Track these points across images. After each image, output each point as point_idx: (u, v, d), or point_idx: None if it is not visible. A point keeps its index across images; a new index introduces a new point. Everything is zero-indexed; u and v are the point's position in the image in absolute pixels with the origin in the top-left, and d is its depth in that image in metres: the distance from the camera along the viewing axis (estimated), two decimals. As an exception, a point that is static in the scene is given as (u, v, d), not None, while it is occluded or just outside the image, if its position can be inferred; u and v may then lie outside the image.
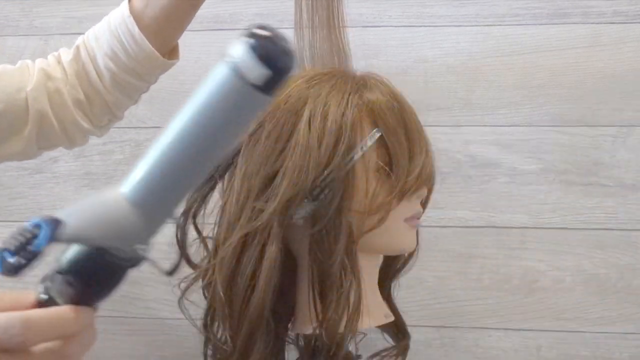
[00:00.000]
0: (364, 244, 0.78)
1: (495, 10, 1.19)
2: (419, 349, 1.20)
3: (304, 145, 0.74)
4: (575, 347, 1.18)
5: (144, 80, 0.93)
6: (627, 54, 1.17)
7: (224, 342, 0.80)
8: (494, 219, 1.19)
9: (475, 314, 1.19)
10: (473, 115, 1.19)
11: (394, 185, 0.77)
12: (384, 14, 1.21)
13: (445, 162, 1.19)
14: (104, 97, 0.92)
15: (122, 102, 0.95)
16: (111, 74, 0.90)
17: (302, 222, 0.77)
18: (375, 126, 0.77)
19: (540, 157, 1.18)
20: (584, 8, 1.17)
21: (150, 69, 0.91)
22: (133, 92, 0.94)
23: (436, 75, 1.20)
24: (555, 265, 1.18)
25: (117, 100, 0.93)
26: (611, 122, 1.17)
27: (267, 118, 0.77)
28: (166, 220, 0.54)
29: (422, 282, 1.20)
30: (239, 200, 0.77)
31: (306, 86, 0.78)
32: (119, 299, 1.26)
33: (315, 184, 0.74)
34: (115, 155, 1.26)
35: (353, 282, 0.76)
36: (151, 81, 0.94)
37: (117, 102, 0.94)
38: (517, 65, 1.19)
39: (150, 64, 0.90)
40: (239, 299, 0.76)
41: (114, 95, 0.92)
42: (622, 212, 1.17)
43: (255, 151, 0.77)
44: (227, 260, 0.77)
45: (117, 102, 0.94)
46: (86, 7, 1.25)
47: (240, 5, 1.26)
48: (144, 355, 1.26)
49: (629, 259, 1.17)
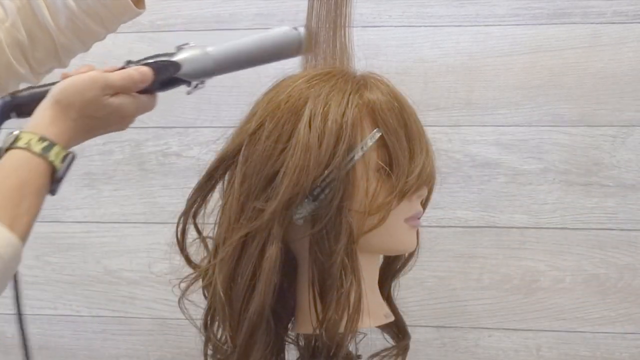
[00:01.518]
0: (364, 244, 0.78)
1: (495, 10, 1.19)
2: (419, 349, 1.20)
3: (304, 145, 0.74)
4: (575, 347, 1.18)
5: (104, 27, 0.87)
6: (627, 54, 1.17)
7: (224, 342, 0.80)
8: (493, 219, 1.19)
9: (475, 314, 1.20)
10: (473, 115, 1.19)
11: (394, 185, 0.77)
12: (384, 14, 1.22)
13: (445, 162, 1.19)
14: (55, 39, 0.85)
15: (75, 47, 0.88)
16: (69, 14, 0.84)
17: (302, 222, 0.76)
18: (376, 126, 0.77)
19: (540, 157, 1.18)
20: (584, 8, 1.18)
21: (116, 14, 0.86)
22: (89, 38, 0.88)
23: (436, 75, 1.20)
24: (555, 265, 1.18)
25: (70, 44, 0.87)
26: (611, 122, 1.17)
27: (267, 118, 0.77)
28: (218, 74, 0.83)
29: (422, 282, 1.20)
30: (239, 200, 0.77)
31: (307, 86, 0.77)
32: (119, 298, 1.26)
33: (315, 184, 0.74)
34: (115, 155, 1.26)
35: (353, 282, 0.76)
36: (111, 29, 0.89)
37: (69, 46, 0.87)
38: (517, 65, 1.19)
39: (117, 8, 0.85)
40: (239, 299, 0.76)
41: (67, 38, 0.86)
42: (622, 212, 1.17)
43: (256, 151, 0.76)
44: (227, 260, 0.76)
45: (69, 47, 0.88)
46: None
47: (240, 5, 1.26)
48: (144, 355, 1.26)
49: (629, 259, 1.17)
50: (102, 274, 1.26)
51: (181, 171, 1.26)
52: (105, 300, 1.26)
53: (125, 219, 1.26)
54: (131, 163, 1.26)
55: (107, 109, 0.76)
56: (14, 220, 0.66)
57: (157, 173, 1.26)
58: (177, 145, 1.26)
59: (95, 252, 1.27)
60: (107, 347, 1.26)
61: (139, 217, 1.26)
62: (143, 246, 1.26)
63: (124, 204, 1.26)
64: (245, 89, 0.86)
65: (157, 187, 1.26)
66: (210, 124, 1.24)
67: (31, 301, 1.28)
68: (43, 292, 1.28)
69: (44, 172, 0.70)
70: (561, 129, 1.18)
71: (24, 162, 0.69)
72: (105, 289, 1.26)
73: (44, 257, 1.27)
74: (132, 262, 1.26)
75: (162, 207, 1.26)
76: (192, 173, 1.19)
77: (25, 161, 0.69)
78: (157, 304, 1.25)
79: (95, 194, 1.27)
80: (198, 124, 1.25)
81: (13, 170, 0.69)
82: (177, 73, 0.81)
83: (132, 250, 1.27)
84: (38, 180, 0.69)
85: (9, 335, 1.29)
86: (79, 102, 0.73)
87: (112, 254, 1.27)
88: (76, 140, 0.76)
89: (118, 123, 0.80)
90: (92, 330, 1.27)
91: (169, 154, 1.26)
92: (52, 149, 0.70)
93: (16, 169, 0.69)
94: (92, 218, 1.26)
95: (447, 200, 1.20)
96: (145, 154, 1.26)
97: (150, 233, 1.26)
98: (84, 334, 1.29)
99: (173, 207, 1.17)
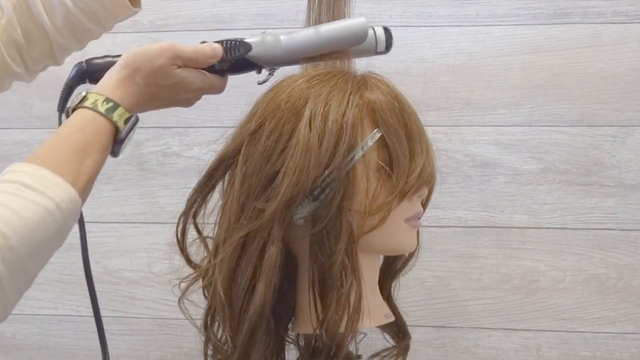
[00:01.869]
0: (365, 244, 0.78)
1: (495, 10, 1.19)
2: (419, 349, 1.20)
3: (304, 145, 0.74)
4: (575, 347, 1.18)
5: (100, 25, 0.87)
6: (627, 54, 1.17)
7: (224, 342, 0.80)
8: (493, 219, 1.19)
9: (475, 314, 1.20)
10: (473, 115, 1.19)
11: (394, 186, 0.77)
12: (384, 14, 1.22)
13: (445, 162, 1.19)
14: (51, 37, 0.86)
15: (70, 46, 0.89)
16: (65, 12, 0.84)
17: (302, 222, 0.76)
18: (376, 126, 0.77)
19: (540, 157, 1.18)
20: (584, 8, 1.18)
21: (113, 13, 0.86)
22: (85, 36, 0.88)
23: (436, 75, 1.20)
24: (555, 265, 1.18)
25: (66, 43, 0.87)
26: (611, 122, 1.17)
27: (267, 118, 0.77)
28: (289, 64, 0.85)
29: (422, 282, 1.20)
30: (240, 200, 0.77)
31: (307, 86, 0.77)
32: (119, 298, 1.26)
33: (315, 184, 0.74)
34: (115, 155, 1.26)
35: (353, 283, 0.76)
36: (107, 27, 0.89)
37: (65, 45, 0.87)
38: (517, 65, 1.19)
39: (113, 7, 0.85)
40: (239, 299, 0.76)
41: (63, 36, 0.86)
42: (622, 212, 1.17)
43: (256, 151, 0.76)
44: (227, 261, 0.76)
45: (64, 46, 0.88)
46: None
47: (240, 5, 1.26)
48: (144, 355, 1.26)
49: (629, 259, 1.17)
50: (102, 274, 1.26)
51: (181, 171, 1.26)
52: (105, 300, 1.26)
53: (125, 219, 1.26)
54: (131, 163, 1.26)
55: (173, 79, 0.78)
56: (77, 177, 0.68)
57: (157, 173, 1.26)
58: (177, 145, 1.26)
59: (95, 252, 1.26)
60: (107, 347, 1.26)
61: (139, 217, 1.26)
62: (143, 246, 1.26)
63: (124, 204, 1.26)
64: (245, 89, 0.85)
65: (157, 187, 1.26)
66: (210, 124, 1.24)
67: (31, 301, 1.28)
68: (43, 292, 1.28)
69: (107, 131, 0.72)
70: (561, 129, 1.18)
71: (89, 120, 0.71)
72: (105, 289, 1.26)
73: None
74: (132, 262, 1.26)
75: (162, 207, 1.26)
76: (192, 173, 1.19)
77: (90, 120, 0.72)
78: (157, 304, 1.25)
79: (95, 194, 1.25)
80: (198, 124, 1.25)
81: (79, 128, 0.71)
82: (248, 54, 0.83)
83: (132, 250, 1.27)
84: (101, 140, 0.72)
85: (9, 335, 1.29)
86: (146, 68, 0.76)
87: (112, 254, 1.27)
88: (140, 106, 0.78)
89: (183, 97, 0.82)
90: (92, 330, 1.25)
91: (169, 154, 1.26)
92: (116, 110, 0.73)
93: (82, 127, 0.71)
94: (92, 218, 1.26)
95: (447, 200, 1.20)
96: (145, 154, 1.26)
97: (150, 233, 1.26)
98: (84, 334, 1.28)
99: (173, 207, 1.18)
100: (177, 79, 0.79)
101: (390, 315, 0.87)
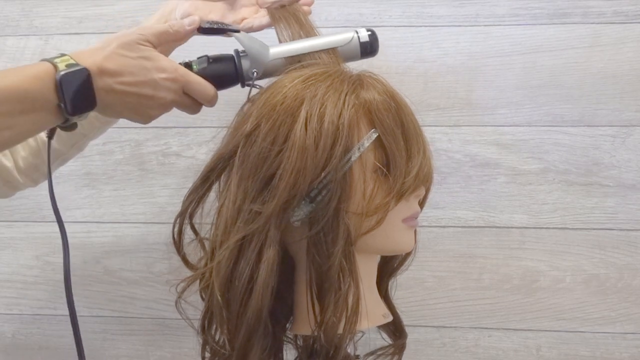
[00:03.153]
0: (362, 244, 0.77)
1: (495, 10, 1.19)
2: (419, 349, 1.20)
3: (300, 147, 0.73)
4: (575, 347, 1.18)
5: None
6: (627, 54, 1.16)
7: (222, 345, 0.80)
8: (493, 219, 1.19)
9: (475, 314, 1.19)
10: (473, 115, 1.19)
11: (391, 186, 0.77)
12: (384, 14, 1.21)
13: (445, 162, 1.19)
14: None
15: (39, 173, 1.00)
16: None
17: (299, 224, 0.76)
18: (373, 126, 0.77)
19: (540, 157, 1.18)
20: (584, 8, 1.17)
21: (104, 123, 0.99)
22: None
23: (436, 75, 1.20)
24: (555, 265, 1.18)
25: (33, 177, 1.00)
26: (611, 122, 1.17)
27: (263, 119, 0.76)
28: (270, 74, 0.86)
29: (422, 282, 1.20)
30: (236, 202, 0.76)
31: (302, 86, 0.77)
32: (119, 299, 1.26)
33: (312, 186, 0.74)
34: (115, 155, 1.26)
35: (351, 285, 0.76)
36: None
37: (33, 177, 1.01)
38: (517, 65, 1.18)
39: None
40: (237, 302, 0.76)
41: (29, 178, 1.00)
42: (622, 212, 1.17)
43: (252, 153, 0.76)
44: (224, 263, 0.76)
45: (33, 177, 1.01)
46: (86, 7, 1.26)
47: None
48: (144, 355, 1.26)
49: (629, 259, 1.17)
50: (102, 274, 1.26)
51: (181, 171, 1.26)
52: (105, 300, 1.26)
53: (125, 219, 1.26)
54: (131, 163, 1.26)
55: (141, 52, 0.80)
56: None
57: (157, 173, 1.26)
58: (177, 145, 1.26)
59: (95, 252, 1.26)
60: (107, 347, 1.26)
61: (139, 217, 1.26)
62: (143, 246, 1.26)
63: (124, 204, 1.26)
64: (245, 89, 0.85)
65: (157, 187, 1.26)
66: (210, 124, 1.24)
67: (31, 301, 1.28)
68: (43, 292, 1.28)
69: (44, 70, 0.72)
70: (561, 129, 1.18)
71: (38, 68, 0.72)
72: (105, 289, 1.26)
73: (44, 257, 1.27)
74: (132, 262, 1.26)
75: (162, 207, 1.26)
76: (192, 173, 1.19)
77: (40, 67, 0.72)
78: (157, 304, 1.25)
79: (95, 194, 1.27)
80: (198, 124, 1.24)
81: (20, 71, 0.71)
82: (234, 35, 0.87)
83: (132, 250, 1.27)
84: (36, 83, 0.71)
85: (9, 335, 1.29)
86: (119, 38, 0.79)
87: (112, 254, 1.27)
88: (107, 73, 0.76)
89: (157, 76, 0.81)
90: (92, 330, 1.27)
91: (169, 154, 1.26)
92: (65, 60, 0.73)
93: (24, 71, 0.71)
94: (92, 218, 1.26)
95: (447, 200, 1.20)
96: (145, 154, 1.26)
97: (150, 233, 1.26)
98: (84, 334, 1.26)
99: (173, 207, 1.17)
100: (146, 53, 0.80)
101: (388, 315, 0.87)
